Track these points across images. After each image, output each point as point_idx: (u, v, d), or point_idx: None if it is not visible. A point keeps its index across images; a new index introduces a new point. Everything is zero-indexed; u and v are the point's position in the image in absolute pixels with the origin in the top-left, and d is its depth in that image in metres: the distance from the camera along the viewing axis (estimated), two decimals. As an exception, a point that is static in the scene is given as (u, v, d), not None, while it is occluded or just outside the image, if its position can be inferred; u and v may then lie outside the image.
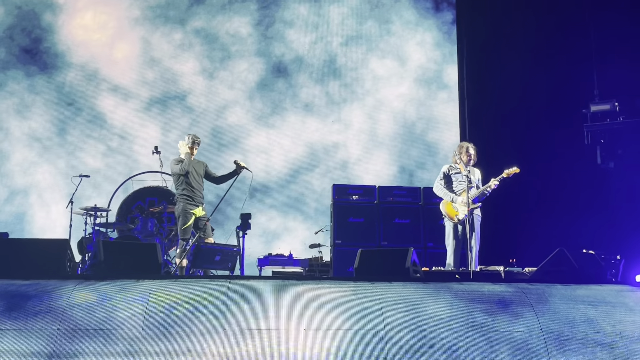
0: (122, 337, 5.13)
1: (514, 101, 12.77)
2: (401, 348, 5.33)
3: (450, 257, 9.49)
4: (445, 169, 9.81)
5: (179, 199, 9.95)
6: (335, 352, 5.25)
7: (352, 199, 11.57)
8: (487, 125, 13.03)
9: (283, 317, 5.45)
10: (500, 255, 10.43)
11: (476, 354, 5.36)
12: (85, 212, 11.83)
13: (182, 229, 9.80)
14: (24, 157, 15.14)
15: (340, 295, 5.82)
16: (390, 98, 15.81)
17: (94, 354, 5.03)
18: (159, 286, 5.71)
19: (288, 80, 15.87)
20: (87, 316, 5.27)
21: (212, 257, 9.21)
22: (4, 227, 14.66)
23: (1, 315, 5.25)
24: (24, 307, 5.35)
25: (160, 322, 5.25)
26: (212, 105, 15.69)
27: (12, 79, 15.40)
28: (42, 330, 5.12)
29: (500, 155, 11.07)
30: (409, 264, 6.72)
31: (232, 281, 5.88)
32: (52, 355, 4.99)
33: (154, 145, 12.96)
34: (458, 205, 9.39)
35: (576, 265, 6.92)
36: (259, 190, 15.43)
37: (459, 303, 5.81)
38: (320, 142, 15.61)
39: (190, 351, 5.09)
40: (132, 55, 15.63)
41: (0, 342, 5.01)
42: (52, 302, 5.39)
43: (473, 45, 13.83)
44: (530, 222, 12.11)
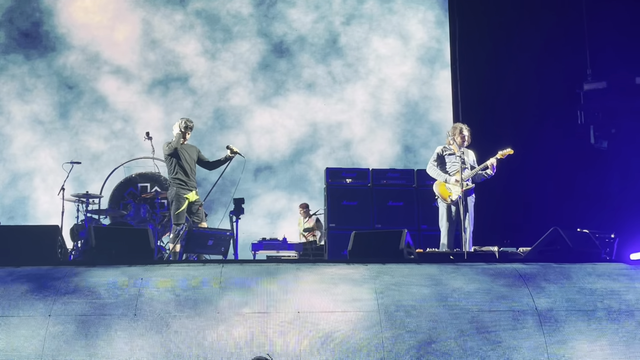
0: (151, 312, 5.21)
1: (508, 82, 12.70)
2: (427, 319, 5.38)
3: (444, 238, 9.43)
4: (439, 150, 9.73)
5: (172, 184, 9.82)
6: (363, 321, 5.34)
7: (345, 182, 11.47)
8: (481, 106, 12.96)
9: (310, 292, 5.55)
10: (494, 236, 10.40)
11: (502, 324, 5.42)
12: (77, 198, 11.69)
13: (175, 214, 9.67)
14: (26, 141, 15.09)
15: (361, 273, 5.86)
16: (393, 77, 15.75)
17: (123, 328, 5.12)
18: (185, 268, 5.78)
19: (290, 60, 15.80)
20: (115, 295, 5.36)
21: (204, 241, 9.14)
22: (8, 211, 14.70)
23: (31, 294, 5.31)
24: (53, 286, 5.40)
25: (188, 299, 5.35)
26: (215, 86, 15.63)
27: (13, 63, 15.32)
28: (71, 308, 5.22)
29: (494, 137, 11.03)
30: (402, 245, 6.69)
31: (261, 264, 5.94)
32: (82, 330, 5.09)
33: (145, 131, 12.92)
34: (451, 186, 9.32)
35: (570, 244, 6.86)
36: (263, 170, 15.41)
37: (481, 278, 5.86)
38: (323, 122, 15.57)
39: (219, 324, 5.21)
40: (133, 37, 15.54)
41: (31, 318, 5.11)
42: (80, 283, 5.46)
43: (465, 26, 13.72)
44: (524, 202, 12.09)
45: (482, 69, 13.13)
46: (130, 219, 11.54)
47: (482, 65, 13.12)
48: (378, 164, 15.24)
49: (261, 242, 11.98)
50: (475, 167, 9.39)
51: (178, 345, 5.05)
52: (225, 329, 5.17)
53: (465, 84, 13.57)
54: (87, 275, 5.57)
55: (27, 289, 5.35)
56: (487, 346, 5.30)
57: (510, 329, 5.41)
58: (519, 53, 12.67)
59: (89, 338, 5.05)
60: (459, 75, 13.78)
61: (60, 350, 4.97)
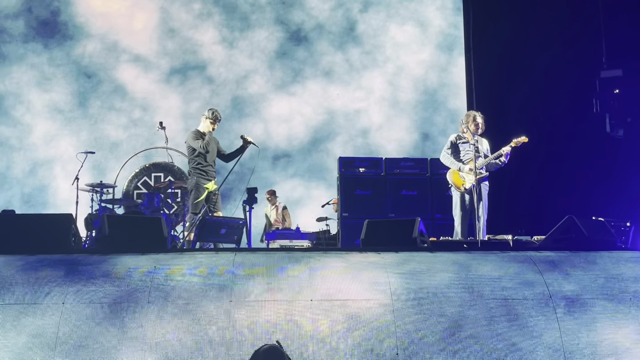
0: (179, 297, 5.29)
1: (522, 70, 12.60)
2: (455, 304, 5.44)
3: (457, 227, 9.32)
4: (452, 138, 9.61)
5: (193, 173, 9.78)
6: (391, 305, 5.38)
7: (358, 172, 11.44)
8: (495, 94, 12.87)
9: (337, 278, 5.62)
10: (508, 225, 10.38)
11: (530, 309, 5.46)
12: (91, 188, 11.74)
13: (193, 203, 9.68)
14: (46, 130, 15.19)
15: (388, 260, 5.93)
16: (411, 65, 15.72)
17: (153, 312, 5.20)
18: (211, 255, 5.89)
19: (308, 48, 15.80)
20: (145, 279, 5.45)
21: (217, 230, 9.11)
22: (27, 199, 14.81)
23: (61, 279, 5.41)
24: (83, 271, 5.51)
25: (216, 285, 5.44)
26: (232, 75, 15.65)
27: (32, 52, 15.41)
28: (102, 291, 5.32)
29: (509, 125, 10.95)
30: (416, 233, 6.60)
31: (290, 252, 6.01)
32: (113, 312, 5.18)
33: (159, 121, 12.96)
34: (465, 174, 9.23)
35: (586, 232, 6.71)
36: (281, 159, 15.44)
37: (508, 264, 5.88)
38: (341, 109, 15.57)
39: (246, 309, 5.27)
40: (152, 26, 15.58)
41: (63, 301, 5.22)
42: (110, 269, 5.55)
43: (480, 13, 13.61)
44: (539, 191, 11.98)
45: (496, 56, 13.02)
46: (144, 209, 11.58)
47: (497, 53, 13.01)
48: (396, 152, 15.23)
49: (274, 231, 12.02)
50: (489, 156, 9.33)
51: (206, 329, 5.11)
52: (253, 313, 5.22)
53: (479, 72, 13.48)
54: (116, 262, 5.66)
55: (57, 274, 5.45)
56: (516, 331, 5.33)
57: (539, 314, 5.43)
58: (534, 41, 12.56)
59: (119, 321, 5.12)
60: (473, 63, 13.70)
61: (91, 333, 5.05)
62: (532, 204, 11.89)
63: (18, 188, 15.02)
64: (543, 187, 11.95)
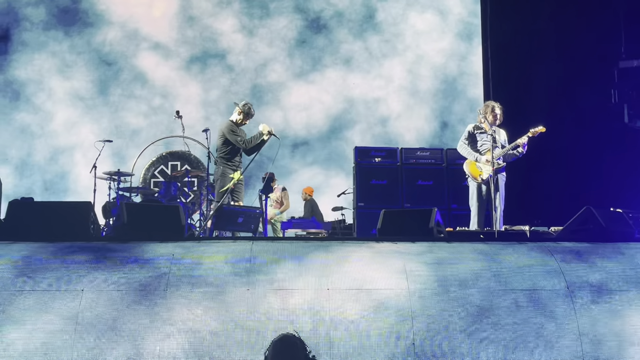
0: (208, 282, 5.39)
1: (540, 60, 12.52)
2: (481, 292, 5.48)
3: (474, 217, 9.27)
4: (470, 128, 9.55)
5: (220, 163, 9.84)
6: (418, 292, 5.44)
7: (374, 161, 11.40)
8: (513, 84, 12.80)
9: (364, 265, 5.69)
10: (525, 215, 10.34)
11: (557, 295, 5.49)
12: (108, 176, 11.81)
13: (219, 192, 9.76)
14: (67, 117, 15.28)
15: (414, 248, 6.01)
16: (431, 53, 15.68)
17: (182, 296, 5.30)
18: (239, 244, 5.99)
19: (327, 36, 15.79)
20: (174, 264, 5.55)
21: (234, 218, 9.15)
22: (48, 185, 14.93)
23: (91, 264, 5.51)
24: (112, 257, 5.60)
25: (244, 271, 5.52)
26: (252, 63, 15.67)
27: (53, 39, 15.49)
28: (131, 276, 5.41)
29: (526, 115, 10.89)
30: (432, 223, 6.55)
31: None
32: (142, 296, 5.29)
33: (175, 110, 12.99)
34: (482, 164, 9.18)
35: (603, 223, 6.62)
36: (300, 147, 15.47)
37: (534, 253, 5.90)
38: (360, 98, 15.57)
39: (278, 290, 5.37)
40: (171, 14, 15.62)
41: (92, 286, 5.33)
42: (139, 255, 5.66)
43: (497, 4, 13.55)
44: (556, 181, 11.87)
45: (514, 46, 12.94)
46: (160, 197, 11.65)
47: (514, 42, 12.93)
48: (415, 140, 15.23)
49: (290, 220, 12.05)
50: (506, 146, 9.30)
51: (234, 313, 5.20)
52: (281, 299, 5.30)
53: (496, 61, 13.42)
54: (145, 249, 5.76)
55: (87, 260, 5.56)
56: (542, 318, 5.35)
57: (565, 303, 5.45)
58: (551, 31, 12.46)
59: (149, 304, 5.23)
60: (490, 52, 13.64)
61: (122, 315, 5.16)
62: (549, 195, 11.81)
63: (39, 175, 15.14)
64: (561, 178, 11.86)
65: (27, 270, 5.43)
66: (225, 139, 9.78)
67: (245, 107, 9.90)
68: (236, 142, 9.71)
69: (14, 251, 5.70)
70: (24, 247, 5.78)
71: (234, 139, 9.71)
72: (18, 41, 15.40)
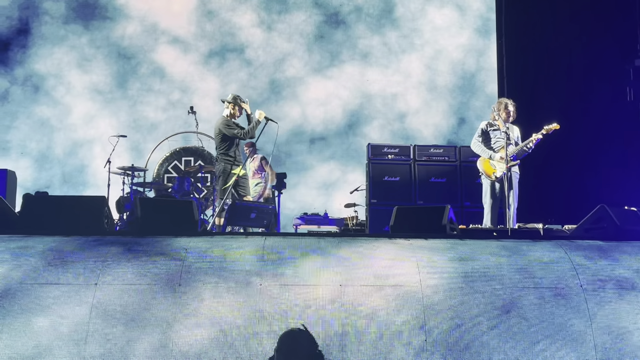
0: (235, 274, 5.52)
1: (555, 57, 12.45)
2: (506, 286, 5.54)
3: (487, 215, 9.33)
4: (483, 125, 9.56)
5: (220, 159, 9.86)
6: (443, 285, 5.55)
7: (387, 158, 11.40)
8: (527, 81, 12.74)
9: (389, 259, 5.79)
10: (538, 213, 10.28)
11: (582, 290, 5.54)
12: (122, 171, 11.90)
13: (221, 189, 9.77)
14: (86, 111, 15.37)
15: (438, 244, 6.09)
16: (449, 49, 15.63)
17: (210, 286, 5.44)
18: (267, 238, 6.14)
19: (346, 31, 15.77)
20: (202, 257, 5.69)
21: (247, 214, 9.16)
22: (68, 178, 15.03)
23: (119, 257, 5.64)
24: (141, 251, 5.73)
25: (270, 264, 5.67)
26: (270, 58, 15.68)
27: (72, 33, 15.58)
28: (160, 268, 5.56)
29: (540, 112, 10.83)
30: (445, 221, 6.58)
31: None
32: (170, 286, 5.43)
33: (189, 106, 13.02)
34: (496, 162, 9.17)
35: (618, 222, 6.62)
36: (318, 142, 15.47)
37: (558, 249, 5.94)
38: (378, 93, 15.54)
39: (300, 287, 5.48)
40: (190, 8, 15.66)
41: (123, 278, 5.49)
42: (166, 248, 5.79)
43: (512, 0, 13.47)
44: (570, 179, 11.84)
45: (529, 43, 12.89)
46: (174, 192, 11.69)
47: (529, 39, 12.88)
48: (432, 136, 15.20)
49: (302, 216, 12.07)
50: (519, 143, 9.27)
51: (261, 304, 5.32)
52: (307, 291, 5.42)
53: (511, 58, 13.37)
54: (172, 242, 5.89)
55: (114, 252, 5.69)
56: (568, 312, 5.41)
57: (590, 297, 5.51)
58: (567, 27, 12.39)
59: (177, 294, 5.38)
60: (505, 48, 13.58)
61: (150, 305, 5.32)
62: (563, 193, 11.78)
63: (58, 168, 15.25)
64: (575, 176, 11.83)
65: (56, 261, 5.59)
66: (222, 135, 9.82)
67: (233, 98, 9.94)
68: (234, 135, 9.74)
69: (42, 243, 5.85)
70: (51, 239, 5.93)
71: (231, 133, 9.75)
72: (38, 35, 15.51)
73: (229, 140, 9.82)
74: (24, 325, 5.20)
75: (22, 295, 5.35)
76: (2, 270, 5.53)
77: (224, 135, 9.81)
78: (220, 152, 9.87)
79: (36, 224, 6.34)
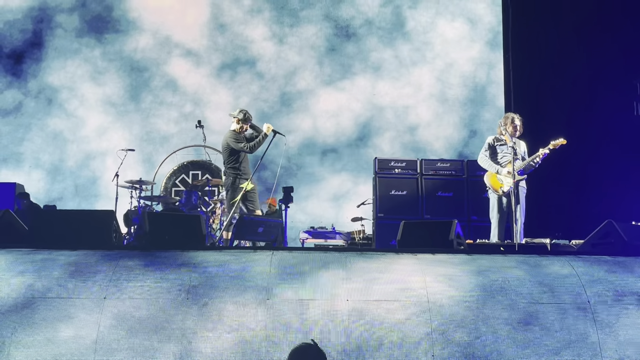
0: (256, 286, 5.61)
1: (562, 72, 12.43)
2: (525, 298, 5.60)
3: (494, 229, 9.30)
4: (490, 140, 9.57)
5: (228, 173, 9.89)
6: (463, 297, 5.62)
7: (394, 172, 11.40)
8: (534, 95, 12.73)
9: (409, 272, 5.87)
10: (545, 228, 10.26)
11: (602, 302, 5.59)
12: (130, 185, 11.96)
13: (230, 203, 9.81)
14: (99, 123, 15.47)
15: (458, 258, 6.17)
16: (460, 61, 15.65)
17: (231, 297, 5.53)
18: (292, 252, 6.30)
19: (357, 44, 15.82)
20: (221, 269, 5.78)
21: (255, 228, 9.15)
22: (80, 191, 15.12)
23: (140, 268, 5.74)
24: (161, 262, 5.82)
25: (291, 276, 5.76)
26: (282, 70, 15.75)
27: (86, 46, 15.70)
28: (180, 279, 5.65)
29: (547, 126, 10.83)
30: (452, 236, 6.59)
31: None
32: (192, 298, 5.52)
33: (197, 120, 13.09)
34: (503, 177, 9.16)
35: (625, 237, 6.60)
36: (329, 154, 15.50)
37: (577, 263, 5.98)
38: (390, 105, 15.57)
39: (321, 298, 5.55)
40: (203, 21, 15.76)
41: (142, 288, 5.58)
42: (186, 260, 5.88)
43: (519, 15, 13.47)
44: (577, 194, 11.81)
45: (536, 56, 12.90)
46: (181, 206, 11.73)
47: (537, 53, 12.88)
48: (444, 149, 15.21)
49: (309, 230, 12.09)
50: (526, 158, 9.27)
51: (281, 315, 5.42)
52: (327, 302, 5.49)
53: (518, 72, 13.37)
54: (193, 255, 5.99)
55: (135, 264, 5.79)
56: (587, 322, 5.45)
57: (610, 308, 5.56)
58: (574, 42, 12.40)
59: (199, 305, 5.46)
60: (512, 63, 13.58)
61: (172, 315, 5.42)
62: (570, 208, 11.74)
63: (71, 180, 15.34)
64: (582, 191, 11.79)
65: (77, 274, 5.69)
66: (230, 149, 9.86)
67: (241, 114, 10.01)
68: (241, 148, 9.80)
69: (64, 256, 5.94)
70: (74, 253, 6.02)
71: (239, 147, 9.80)
72: (51, 48, 15.66)
73: (237, 154, 9.87)
74: (45, 336, 5.28)
75: (44, 306, 5.44)
76: (25, 282, 5.61)
77: (231, 149, 9.85)
78: (229, 166, 9.91)
79: (45, 238, 6.39)
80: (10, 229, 6.69)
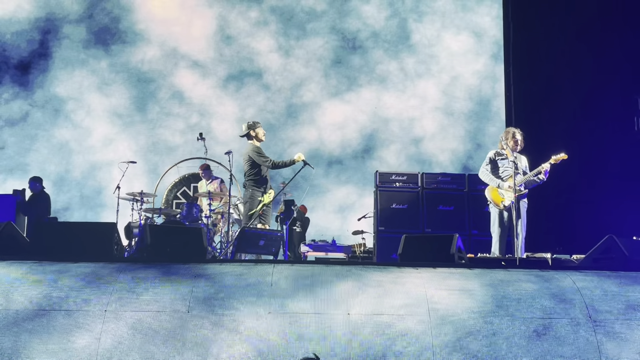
0: (273, 296, 5.67)
1: (562, 86, 12.43)
2: (539, 309, 5.64)
3: (495, 244, 9.25)
4: (491, 154, 9.54)
5: (248, 185, 9.94)
6: (476, 308, 5.66)
7: (395, 186, 11.40)
8: (534, 111, 12.72)
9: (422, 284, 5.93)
10: (546, 243, 10.29)
11: (616, 314, 5.62)
12: (132, 197, 11.98)
13: (247, 215, 9.84)
14: (105, 133, 15.53)
15: (470, 271, 6.24)
16: (466, 75, 15.68)
17: (248, 307, 5.58)
18: (305, 264, 6.37)
19: (363, 56, 15.87)
20: (238, 279, 5.84)
21: (256, 241, 9.17)
22: (86, 201, 15.18)
23: (159, 276, 5.82)
24: (177, 273, 5.88)
25: (306, 286, 5.82)
26: (288, 83, 15.82)
27: (93, 58, 15.79)
28: (196, 288, 5.69)
29: (548, 141, 10.84)
30: (454, 250, 6.58)
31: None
32: (206, 305, 5.57)
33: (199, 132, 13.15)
34: (504, 191, 9.14)
35: (626, 252, 6.58)
36: (334, 165, 15.53)
37: (589, 277, 6.02)
38: (395, 118, 15.61)
39: (336, 308, 5.61)
40: (210, 33, 15.84)
41: (159, 299, 5.62)
42: (203, 272, 5.93)
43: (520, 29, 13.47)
44: (578, 209, 11.78)
45: (536, 72, 12.90)
46: (183, 218, 11.75)
47: (537, 67, 12.89)
48: (449, 161, 15.23)
49: (310, 243, 12.09)
50: (527, 173, 9.26)
51: (299, 324, 5.47)
52: (343, 311, 5.55)
53: (519, 86, 13.37)
54: (208, 267, 6.05)
55: (151, 275, 5.85)
56: (601, 334, 5.47)
57: (624, 321, 5.57)
58: (575, 57, 12.40)
59: (215, 314, 5.52)
60: (512, 77, 13.58)
61: (187, 323, 5.47)
62: (571, 222, 11.72)
63: (77, 190, 15.39)
64: (583, 205, 11.77)
65: (93, 285, 5.73)
66: (252, 162, 9.89)
67: (260, 128, 10.11)
68: (262, 163, 9.84)
69: (80, 267, 5.99)
70: (88, 265, 6.06)
71: (260, 161, 9.84)
72: (58, 58, 15.74)
73: (258, 167, 9.90)
74: (60, 346, 5.32)
75: (60, 315, 5.48)
76: (42, 292, 5.64)
77: (253, 162, 9.89)
78: (249, 179, 9.94)
79: (46, 249, 6.42)
80: (12, 241, 6.71)
